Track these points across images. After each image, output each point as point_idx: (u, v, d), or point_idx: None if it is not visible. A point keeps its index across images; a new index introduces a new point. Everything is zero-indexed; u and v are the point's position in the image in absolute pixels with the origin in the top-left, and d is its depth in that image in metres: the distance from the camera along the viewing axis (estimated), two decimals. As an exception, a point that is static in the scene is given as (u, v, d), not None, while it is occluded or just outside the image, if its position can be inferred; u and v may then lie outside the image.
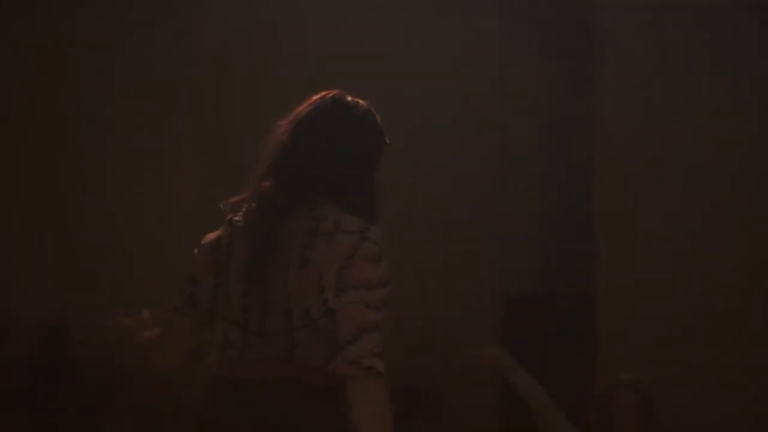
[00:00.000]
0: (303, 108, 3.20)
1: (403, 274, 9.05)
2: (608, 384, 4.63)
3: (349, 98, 3.22)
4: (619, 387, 4.61)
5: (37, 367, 8.23)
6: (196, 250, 3.21)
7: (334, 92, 3.24)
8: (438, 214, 9.09)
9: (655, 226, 8.01)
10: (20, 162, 8.67)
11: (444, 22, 8.80)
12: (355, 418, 2.90)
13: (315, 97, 3.22)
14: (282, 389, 2.91)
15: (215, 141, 8.22)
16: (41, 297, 8.51)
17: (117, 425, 7.91)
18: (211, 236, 3.18)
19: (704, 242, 7.77)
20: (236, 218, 3.12)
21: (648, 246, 8.02)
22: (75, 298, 8.35)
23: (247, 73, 8.62)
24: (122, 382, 8.09)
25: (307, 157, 3.08)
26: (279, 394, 2.90)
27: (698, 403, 7.54)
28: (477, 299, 9.02)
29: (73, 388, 8.11)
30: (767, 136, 7.99)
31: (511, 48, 8.20)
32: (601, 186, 8.38)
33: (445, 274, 8.97)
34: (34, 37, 8.63)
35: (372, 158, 3.15)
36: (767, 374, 7.49)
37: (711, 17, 7.79)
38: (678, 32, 7.89)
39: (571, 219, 9.05)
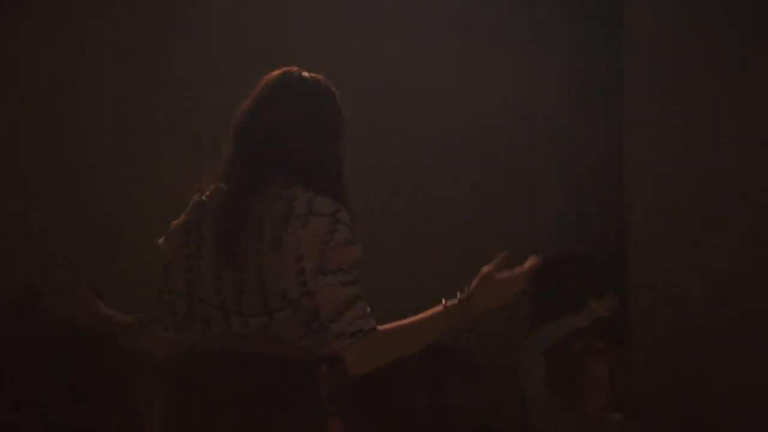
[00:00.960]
0: (262, 86, 3.23)
1: (434, 236, 9.15)
2: (579, 352, 4.70)
3: (307, 74, 3.24)
4: (589, 356, 4.68)
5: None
6: (161, 240, 3.25)
7: (293, 69, 3.26)
8: (468, 178, 9.12)
9: (686, 187, 8.01)
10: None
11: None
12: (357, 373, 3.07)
13: (273, 75, 3.24)
14: (258, 362, 2.97)
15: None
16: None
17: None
18: (177, 222, 3.22)
19: (734, 201, 7.76)
20: (204, 199, 3.17)
21: (678, 207, 8.02)
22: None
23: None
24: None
25: (272, 137, 3.10)
26: (255, 367, 2.96)
27: (727, 355, 7.59)
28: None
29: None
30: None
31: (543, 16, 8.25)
32: (630, 147, 8.40)
33: (475, 236, 9.00)
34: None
35: (335, 133, 3.18)
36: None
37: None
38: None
39: (601, 181, 9.09)
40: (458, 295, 3.11)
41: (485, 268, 3.14)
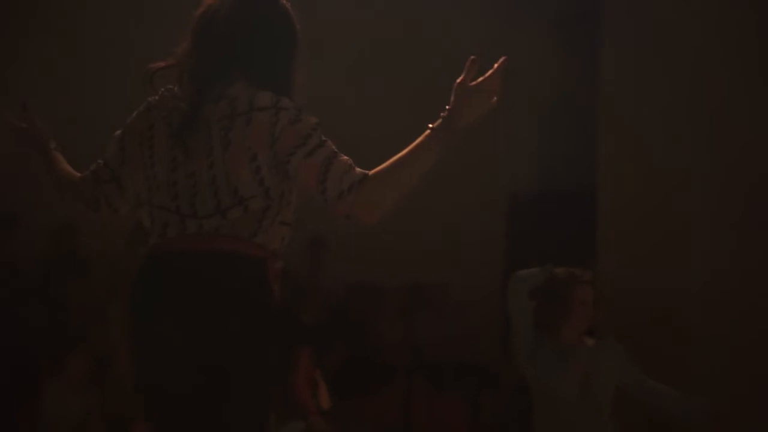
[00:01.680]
0: None
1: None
2: (565, 278, 4.84)
3: None
4: (578, 281, 4.83)
5: (48, 264, 8.32)
6: (117, 132, 3.24)
7: None
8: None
9: (658, 120, 8.08)
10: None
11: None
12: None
13: None
14: (213, 258, 3.00)
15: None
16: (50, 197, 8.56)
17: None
18: (134, 118, 3.21)
19: (704, 133, 7.83)
20: (155, 100, 3.16)
21: (650, 141, 8.09)
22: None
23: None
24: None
25: (223, 36, 3.11)
26: (210, 263, 3.00)
27: (688, 288, 7.75)
28: (482, 198, 9.13)
29: (83, 285, 8.19)
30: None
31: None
32: (605, 85, 8.45)
33: (451, 175, 9.07)
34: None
35: (285, 39, 3.18)
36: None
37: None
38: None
39: (573, 118, 9.15)
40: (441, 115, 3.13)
41: (458, 80, 3.07)
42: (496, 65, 3.10)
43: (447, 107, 3.07)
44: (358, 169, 3.03)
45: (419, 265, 8.88)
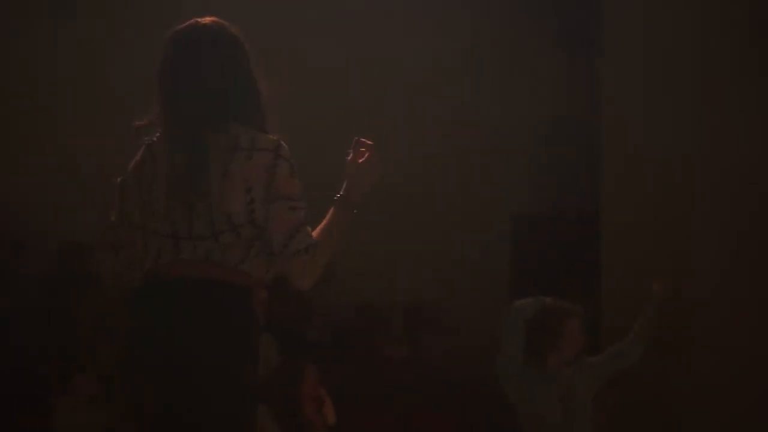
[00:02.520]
0: (182, 32, 3.37)
1: (414, 196, 9.21)
2: (555, 310, 5.08)
3: (212, 21, 3.39)
4: (568, 314, 5.07)
5: (54, 283, 8.37)
6: (119, 178, 3.43)
7: (202, 19, 3.40)
8: (448, 138, 9.23)
9: (660, 142, 8.11)
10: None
11: None
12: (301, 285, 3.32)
13: (183, 26, 3.38)
14: (202, 286, 3.22)
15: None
16: (57, 214, 8.65)
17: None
18: (133, 162, 3.40)
19: (707, 157, 7.86)
20: (154, 140, 3.35)
21: (652, 164, 8.12)
22: (90, 215, 8.48)
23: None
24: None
25: (198, 83, 3.28)
26: (199, 290, 3.21)
27: (698, 307, 7.74)
28: (486, 218, 9.19)
29: (89, 303, 8.25)
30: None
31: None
32: (607, 107, 8.48)
33: (455, 196, 9.14)
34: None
35: (250, 72, 3.36)
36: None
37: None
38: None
39: (576, 139, 9.20)
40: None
41: (348, 159, 3.39)
42: (366, 151, 3.38)
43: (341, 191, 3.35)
44: (312, 237, 3.30)
45: (422, 284, 8.95)
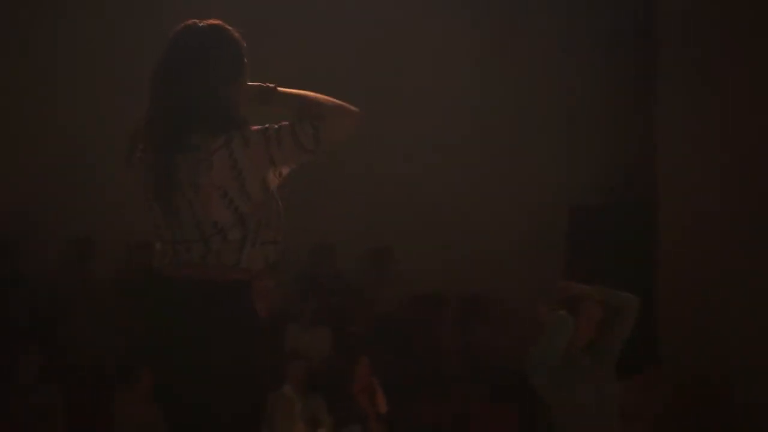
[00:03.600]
0: (174, 35, 3.38)
1: (473, 187, 9.22)
2: (575, 293, 5.04)
3: (206, 24, 3.39)
4: (588, 298, 5.03)
5: (124, 280, 8.44)
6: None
7: (195, 22, 3.40)
8: (506, 131, 9.24)
9: (716, 134, 8.08)
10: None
11: None
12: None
13: (178, 30, 3.39)
14: (199, 286, 3.31)
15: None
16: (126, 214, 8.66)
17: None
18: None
19: (765, 141, 7.82)
20: (141, 155, 3.40)
21: (709, 155, 8.10)
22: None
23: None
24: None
25: (184, 90, 3.30)
26: (197, 290, 3.31)
27: (749, 299, 7.75)
28: (542, 210, 9.18)
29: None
30: None
31: None
32: (662, 98, 8.47)
33: (512, 187, 9.14)
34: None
35: (230, 78, 3.36)
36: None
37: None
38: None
39: (632, 131, 9.18)
40: None
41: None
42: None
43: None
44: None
45: (479, 275, 8.96)
